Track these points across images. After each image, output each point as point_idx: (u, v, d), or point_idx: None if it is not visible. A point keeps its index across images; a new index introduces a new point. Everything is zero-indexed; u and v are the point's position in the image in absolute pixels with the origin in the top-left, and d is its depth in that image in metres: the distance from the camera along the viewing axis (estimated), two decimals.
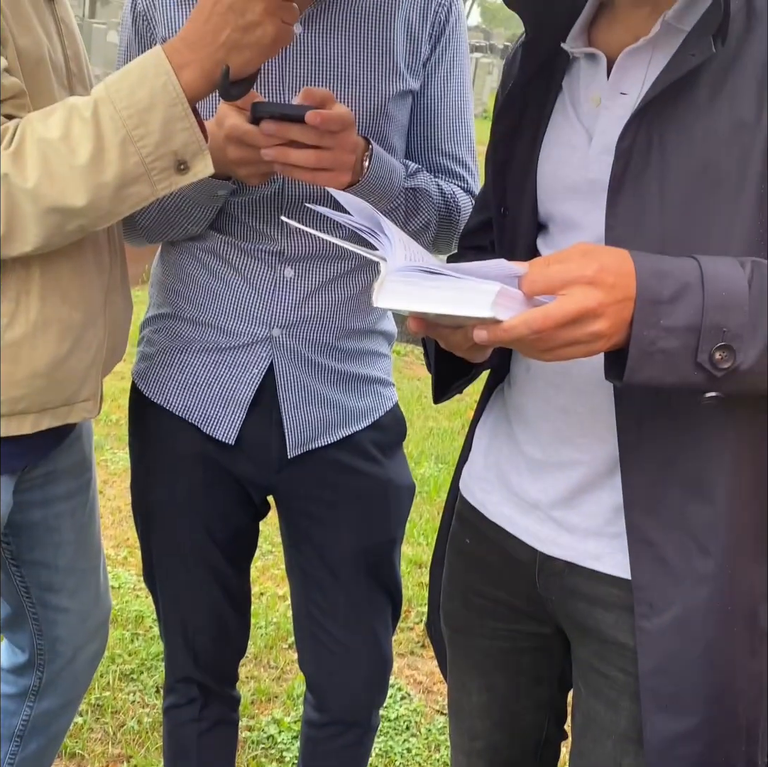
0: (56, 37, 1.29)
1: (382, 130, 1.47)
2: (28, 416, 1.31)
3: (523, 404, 1.24)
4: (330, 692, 1.74)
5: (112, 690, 2.50)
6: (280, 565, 3.03)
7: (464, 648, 1.37)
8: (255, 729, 2.43)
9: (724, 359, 0.95)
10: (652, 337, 0.95)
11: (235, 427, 1.54)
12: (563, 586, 1.20)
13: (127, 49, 1.50)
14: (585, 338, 0.94)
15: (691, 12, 1.06)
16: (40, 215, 1.15)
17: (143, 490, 1.67)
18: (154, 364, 1.60)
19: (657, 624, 1.10)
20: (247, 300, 1.51)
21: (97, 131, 1.14)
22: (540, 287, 0.94)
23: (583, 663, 1.22)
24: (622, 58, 1.10)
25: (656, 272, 0.96)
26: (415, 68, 1.49)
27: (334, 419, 1.57)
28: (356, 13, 1.44)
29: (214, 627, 1.70)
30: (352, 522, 1.61)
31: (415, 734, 2.48)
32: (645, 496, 1.10)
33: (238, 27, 1.14)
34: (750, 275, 0.97)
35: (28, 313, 1.26)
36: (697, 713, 1.10)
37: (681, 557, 1.09)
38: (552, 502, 1.19)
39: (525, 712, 1.36)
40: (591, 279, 0.93)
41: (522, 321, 0.91)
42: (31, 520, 1.53)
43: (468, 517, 1.33)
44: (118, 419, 4.10)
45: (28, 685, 1.68)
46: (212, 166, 1.19)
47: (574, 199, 1.15)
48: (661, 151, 1.04)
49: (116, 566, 3.06)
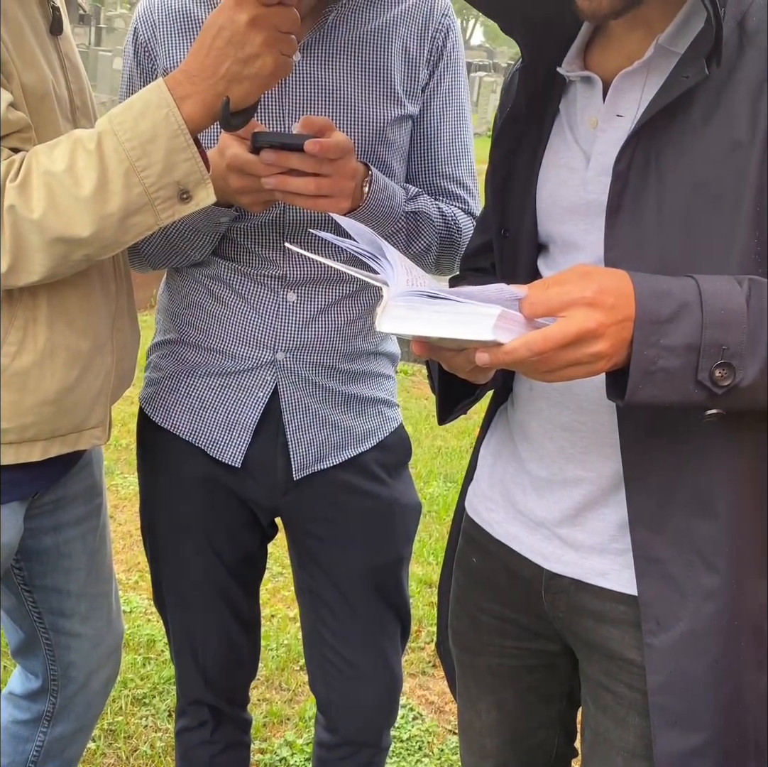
0: (60, 72, 1.32)
1: (381, 155, 1.49)
2: (37, 444, 1.33)
3: (526, 422, 1.25)
4: (341, 713, 1.74)
5: (125, 714, 2.51)
6: (290, 587, 3.03)
7: (472, 667, 1.37)
8: (268, 752, 2.44)
9: (725, 376, 0.96)
10: (652, 356, 0.96)
11: (242, 450, 1.56)
12: (570, 603, 1.21)
13: (129, 80, 1.53)
14: (586, 359, 0.95)
15: (683, 34, 1.08)
16: (46, 245, 1.17)
17: (152, 514, 1.69)
18: (161, 389, 1.62)
19: (664, 640, 1.10)
20: (250, 325, 1.53)
21: (101, 163, 1.16)
22: (540, 310, 0.95)
23: (591, 679, 1.22)
24: (618, 80, 1.12)
25: (655, 292, 0.97)
26: (413, 93, 1.51)
27: (339, 441, 1.58)
28: (354, 39, 1.46)
29: (224, 649, 1.71)
30: (359, 542, 1.62)
31: (427, 754, 2.47)
32: (649, 514, 1.11)
33: (238, 59, 1.16)
34: (748, 293, 0.98)
35: (36, 341, 1.28)
36: (706, 729, 1.10)
37: (687, 574, 1.09)
38: (557, 520, 1.20)
39: (535, 730, 1.36)
40: (590, 301, 0.94)
41: (523, 344, 0.93)
42: (43, 546, 1.54)
43: (474, 536, 1.33)
44: (128, 443, 4.12)
45: (42, 711, 1.69)
46: (214, 195, 1.21)
47: (573, 220, 1.16)
48: (658, 171, 1.06)
49: (127, 591, 3.07)
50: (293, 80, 1.45)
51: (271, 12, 1.16)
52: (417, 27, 1.50)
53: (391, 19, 1.48)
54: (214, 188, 1.22)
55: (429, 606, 3.10)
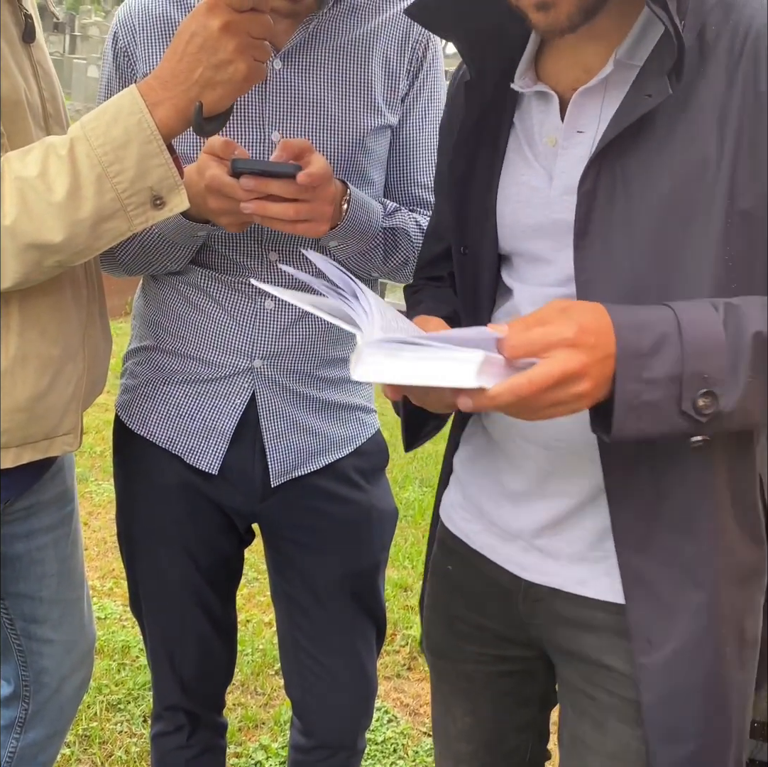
0: (33, 80, 1.32)
1: (360, 164, 1.50)
2: (9, 451, 1.33)
3: (502, 439, 1.23)
4: (316, 716, 1.75)
5: (100, 720, 2.50)
6: (265, 592, 3.04)
7: (447, 673, 1.37)
8: (243, 756, 2.44)
9: (708, 405, 0.96)
10: (635, 390, 0.95)
11: (218, 457, 1.56)
12: (547, 611, 1.20)
13: (108, 85, 1.54)
14: (569, 399, 0.94)
15: (642, 47, 1.05)
16: (19, 251, 1.18)
17: (128, 520, 1.69)
18: (137, 396, 1.62)
19: (657, 658, 1.10)
20: (228, 332, 1.53)
21: (73, 168, 1.16)
22: (521, 353, 0.94)
23: (569, 684, 1.22)
24: (577, 97, 1.09)
25: (634, 325, 0.96)
26: (393, 103, 1.52)
27: (316, 447, 1.59)
28: (335, 49, 1.47)
29: (200, 655, 1.71)
30: (336, 548, 1.63)
31: (402, 757, 2.49)
32: (635, 536, 1.10)
33: (211, 65, 1.17)
34: (724, 317, 0.97)
35: (8, 349, 1.28)
36: (698, 736, 1.12)
37: (675, 592, 1.10)
38: (535, 531, 1.19)
39: (509, 734, 1.36)
40: (572, 342, 0.93)
41: (507, 389, 0.92)
42: (15, 553, 1.53)
43: (450, 545, 1.33)
44: (102, 450, 4.11)
45: (14, 717, 1.68)
46: (188, 201, 1.22)
47: (539, 237, 1.15)
48: (626, 190, 1.04)
49: (102, 597, 3.07)
50: (274, 88, 1.45)
51: (244, 18, 1.16)
52: (398, 37, 1.51)
53: (373, 28, 1.49)
54: (192, 205, 1.23)
55: (404, 610, 3.12)
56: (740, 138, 1.00)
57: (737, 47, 1.01)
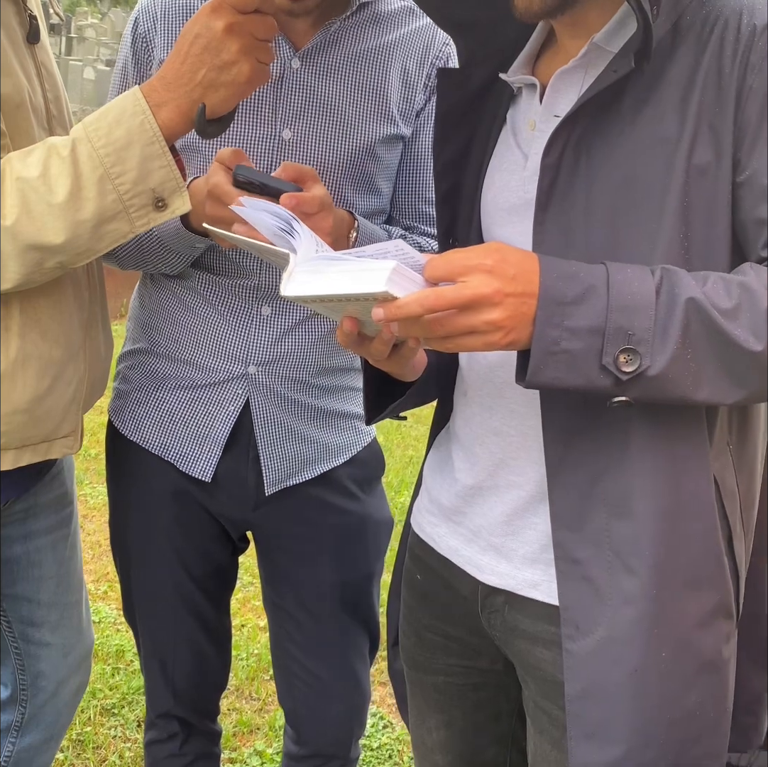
0: (36, 81, 1.32)
1: (368, 171, 1.50)
2: (8, 452, 1.32)
3: (460, 429, 1.24)
4: (308, 725, 1.74)
5: (94, 725, 2.49)
6: (260, 596, 3.02)
7: (421, 685, 1.36)
8: (237, 761, 2.43)
9: (629, 362, 0.96)
10: (555, 337, 0.95)
11: (212, 465, 1.55)
12: (504, 623, 1.19)
13: (123, 70, 1.54)
14: (482, 326, 0.95)
15: (620, 35, 1.08)
16: (19, 252, 1.17)
17: (121, 527, 1.68)
18: (130, 401, 1.61)
19: (583, 646, 1.07)
20: (223, 337, 1.52)
21: (74, 169, 1.16)
22: (440, 272, 0.96)
23: (529, 700, 1.21)
24: (554, 80, 1.13)
25: (562, 274, 0.97)
26: (407, 115, 1.52)
27: (311, 456, 1.58)
28: (354, 54, 1.48)
29: (193, 662, 1.70)
30: (330, 558, 1.62)
31: (398, 763, 2.48)
32: (570, 514, 1.09)
33: (214, 66, 1.16)
34: (659, 282, 0.97)
35: (8, 351, 1.27)
36: (623, 742, 1.06)
37: (607, 576, 1.06)
38: (490, 527, 1.19)
39: (486, 746, 1.35)
40: (490, 268, 0.94)
41: (415, 299, 0.93)
42: (13, 555, 1.53)
43: (418, 553, 1.32)
44: (97, 453, 4.09)
45: (11, 721, 1.67)
46: (190, 204, 1.22)
47: (512, 221, 1.16)
48: (588, 165, 1.06)
49: (96, 601, 3.05)
50: (290, 86, 1.46)
51: (248, 19, 1.16)
52: (418, 51, 1.52)
53: (394, 40, 1.51)
54: (194, 214, 1.22)
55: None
56: (700, 120, 1.02)
57: (706, 33, 1.03)
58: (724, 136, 1.02)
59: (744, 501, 1.13)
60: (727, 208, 1.03)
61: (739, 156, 1.02)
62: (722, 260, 1.04)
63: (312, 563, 1.62)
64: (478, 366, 1.21)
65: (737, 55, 1.01)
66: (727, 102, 1.01)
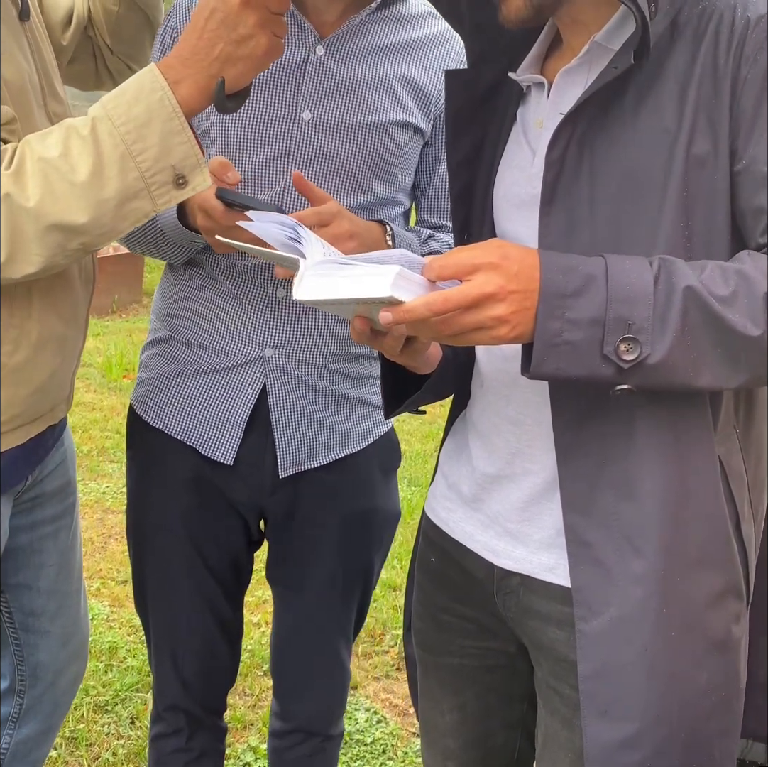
0: (31, 59, 1.31)
1: (382, 153, 1.53)
2: (23, 428, 1.35)
3: (477, 418, 1.27)
4: (290, 697, 1.77)
5: (87, 722, 2.49)
6: (253, 593, 3.03)
7: (435, 668, 1.38)
8: (231, 757, 2.43)
9: (630, 350, 0.98)
10: (556, 329, 0.98)
11: (233, 448, 1.57)
12: (519, 604, 1.22)
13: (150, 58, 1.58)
14: (488, 322, 0.98)
15: (620, 33, 1.10)
16: (42, 233, 1.16)
17: (139, 514, 1.69)
18: (152, 389, 1.64)
19: (595, 626, 1.10)
20: (239, 320, 1.54)
21: (96, 148, 1.15)
22: (449, 272, 0.99)
23: (541, 681, 1.23)
24: (559, 78, 1.16)
25: (562, 267, 1.00)
26: (426, 110, 1.56)
27: (327, 441, 1.60)
28: (376, 47, 1.54)
29: (204, 654, 1.71)
30: (337, 544, 1.64)
31: (391, 757, 2.48)
32: (580, 498, 1.12)
33: (231, 40, 1.16)
34: (657, 272, 1.00)
35: (30, 337, 1.29)
36: (635, 719, 1.09)
37: (616, 558, 1.10)
38: (507, 513, 1.21)
39: (497, 731, 1.37)
40: (495, 265, 0.98)
41: (423, 303, 0.96)
42: (18, 544, 1.54)
43: (432, 537, 1.34)
44: (89, 450, 4.08)
45: (9, 712, 1.67)
46: (209, 180, 1.21)
47: (521, 216, 1.18)
48: (592, 160, 1.09)
49: (89, 598, 3.03)
50: (313, 71, 1.51)
51: None
52: (442, 52, 1.56)
53: (417, 38, 1.56)
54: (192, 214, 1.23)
55: (393, 610, 3.11)
56: (698, 112, 1.05)
57: (702, 27, 1.06)
58: (721, 127, 1.04)
59: (752, 484, 1.15)
60: (726, 197, 1.05)
61: (736, 146, 1.04)
62: (723, 249, 1.06)
63: (318, 547, 1.64)
64: (494, 358, 1.23)
65: (732, 48, 1.04)
66: (723, 93, 1.04)
